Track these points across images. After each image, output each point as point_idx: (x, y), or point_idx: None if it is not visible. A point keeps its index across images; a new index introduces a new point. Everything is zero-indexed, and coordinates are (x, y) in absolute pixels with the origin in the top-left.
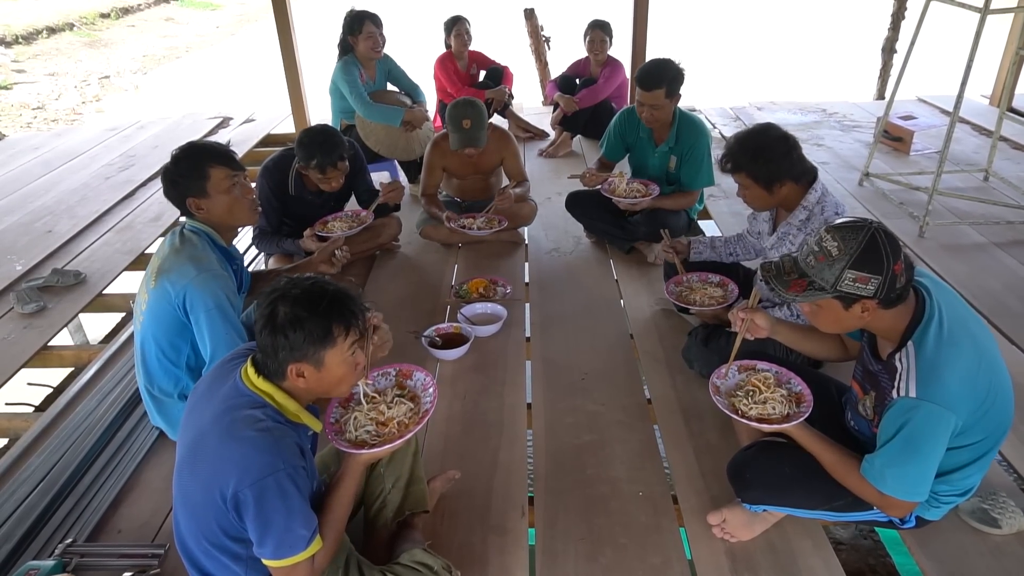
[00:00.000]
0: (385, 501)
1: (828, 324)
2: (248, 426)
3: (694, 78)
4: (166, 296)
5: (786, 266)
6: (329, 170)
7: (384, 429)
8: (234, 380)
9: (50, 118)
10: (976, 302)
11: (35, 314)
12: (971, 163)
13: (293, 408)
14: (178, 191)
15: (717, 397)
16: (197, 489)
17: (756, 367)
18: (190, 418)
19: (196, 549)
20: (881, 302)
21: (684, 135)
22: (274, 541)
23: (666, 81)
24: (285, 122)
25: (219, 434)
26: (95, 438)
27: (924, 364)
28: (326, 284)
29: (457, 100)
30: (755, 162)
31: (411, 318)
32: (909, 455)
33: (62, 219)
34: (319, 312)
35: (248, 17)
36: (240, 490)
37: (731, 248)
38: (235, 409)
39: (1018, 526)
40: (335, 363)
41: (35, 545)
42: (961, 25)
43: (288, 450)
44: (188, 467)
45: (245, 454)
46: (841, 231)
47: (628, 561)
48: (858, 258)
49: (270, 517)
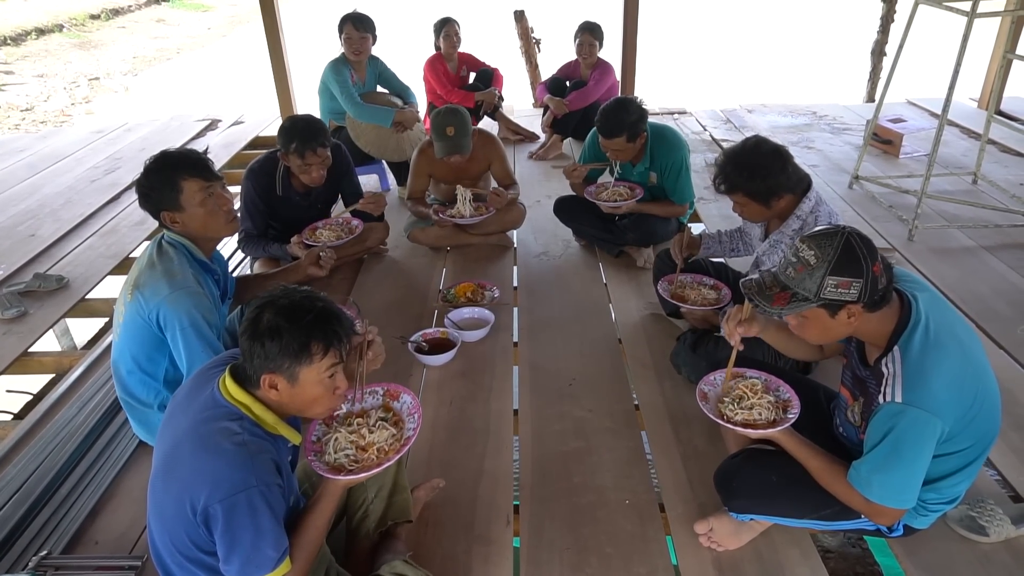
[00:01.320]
0: (367, 511)
1: (817, 335)
2: (224, 438)
3: (684, 80)
4: (141, 311)
5: (767, 281)
6: (308, 155)
7: (364, 454)
8: (211, 390)
9: (39, 120)
10: (965, 306)
11: (16, 319)
12: (960, 166)
13: (271, 420)
14: (151, 204)
15: (704, 403)
16: (169, 501)
17: (745, 374)
18: (167, 428)
19: (170, 561)
20: (866, 305)
21: (658, 153)
22: (240, 559)
23: (626, 127)
24: (273, 124)
25: (193, 445)
26: (74, 446)
27: (910, 369)
28: (317, 300)
29: (440, 108)
30: (752, 181)
31: (398, 323)
32: (895, 461)
33: (45, 222)
34: (300, 326)
35: (239, 18)
36: (210, 504)
37: (734, 243)
38: (211, 420)
39: (1006, 534)
40: (310, 382)
41: (8, 557)
42: (949, 28)
43: (263, 467)
44: (162, 478)
45: (218, 468)
46: (816, 239)
47: (614, 571)
48: (836, 263)
49: (238, 535)
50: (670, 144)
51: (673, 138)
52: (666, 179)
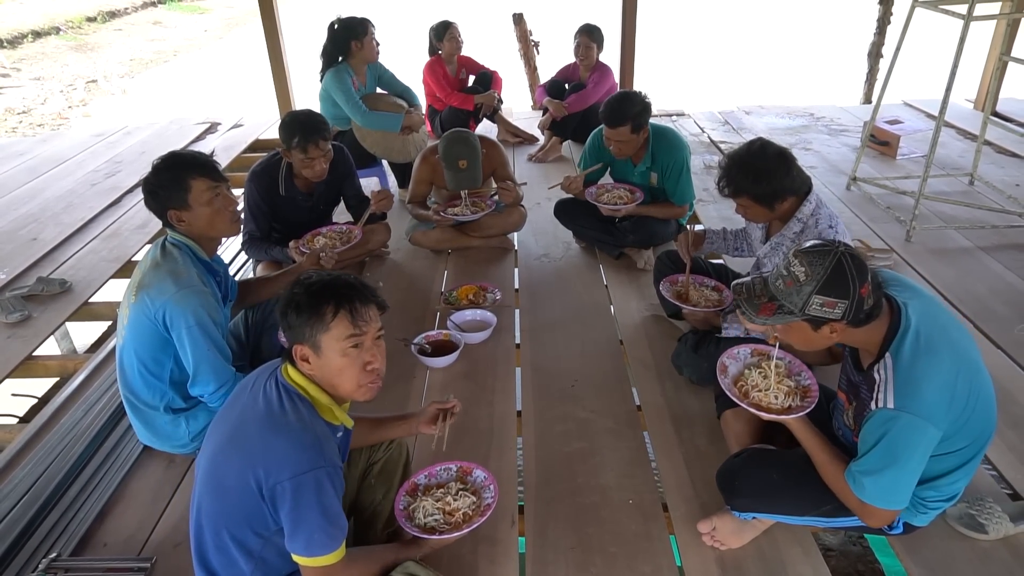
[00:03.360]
0: (376, 512)
1: (799, 342)
2: (294, 419)
3: (682, 82)
4: (146, 312)
5: (757, 288)
6: (311, 148)
7: (451, 518)
8: (275, 373)
9: (36, 123)
10: (962, 306)
11: (19, 323)
12: (957, 167)
13: (325, 401)
14: (159, 203)
15: (722, 376)
16: (232, 473)
17: (769, 354)
18: (232, 407)
19: (211, 540)
20: (850, 323)
21: (660, 152)
22: (305, 537)
23: (630, 117)
24: (273, 127)
25: (261, 423)
26: (81, 449)
27: (901, 375)
28: (340, 275)
29: (451, 136)
30: (757, 184)
31: (400, 325)
32: (888, 464)
33: (47, 226)
34: (315, 294)
35: (236, 20)
36: (280, 482)
37: (739, 243)
38: (278, 400)
39: (1004, 531)
40: (331, 350)
41: (19, 559)
42: (946, 30)
43: (331, 450)
44: (225, 451)
45: (288, 447)
46: (808, 256)
47: (618, 570)
48: (824, 283)
49: (304, 513)
50: (671, 144)
51: (674, 138)
52: (667, 179)
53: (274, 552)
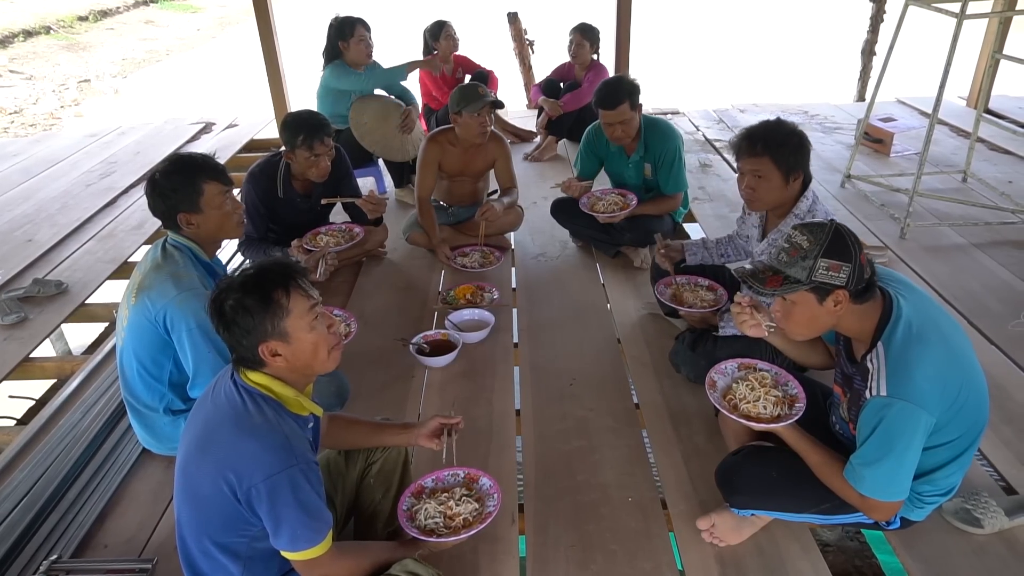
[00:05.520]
0: (376, 511)
1: (801, 324)
2: (259, 420)
3: (677, 81)
4: (147, 314)
5: (760, 268)
6: (317, 145)
7: (451, 523)
8: (233, 377)
9: (28, 123)
10: (956, 303)
11: (16, 325)
12: (950, 164)
13: (291, 395)
14: (168, 205)
15: (711, 391)
16: (205, 481)
17: (756, 366)
18: (197, 413)
19: (196, 550)
20: (852, 294)
21: (653, 142)
22: (288, 533)
23: (626, 94)
24: (269, 127)
25: (228, 426)
26: (79, 451)
27: (893, 363)
28: (256, 265)
29: (460, 86)
30: (782, 148)
31: (398, 325)
32: (884, 453)
33: (42, 227)
34: (252, 290)
35: (229, 20)
36: (254, 485)
37: (723, 249)
38: (242, 403)
39: (1000, 525)
40: (298, 330)
41: (19, 562)
42: (939, 28)
43: (302, 447)
44: (195, 459)
45: (257, 448)
46: (808, 227)
47: (618, 567)
48: (828, 247)
49: (283, 512)
50: (663, 134)
51: (667, 128)
52: (660, 169)
53: (261, 549)
